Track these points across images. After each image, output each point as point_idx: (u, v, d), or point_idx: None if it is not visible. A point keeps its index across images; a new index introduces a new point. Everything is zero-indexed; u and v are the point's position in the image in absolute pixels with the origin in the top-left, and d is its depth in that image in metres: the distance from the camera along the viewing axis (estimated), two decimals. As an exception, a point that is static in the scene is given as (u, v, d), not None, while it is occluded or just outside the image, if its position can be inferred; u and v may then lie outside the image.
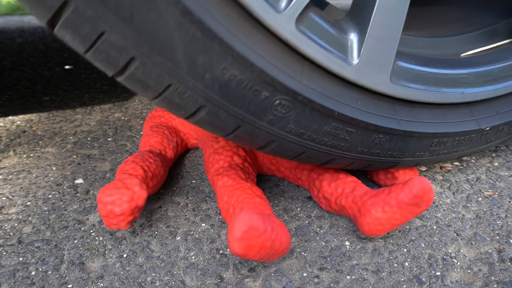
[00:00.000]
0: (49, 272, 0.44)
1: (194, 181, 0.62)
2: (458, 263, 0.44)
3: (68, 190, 0.60)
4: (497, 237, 0.47)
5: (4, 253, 0.47)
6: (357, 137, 0.44)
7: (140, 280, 0.44)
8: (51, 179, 0.63)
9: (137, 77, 0.33)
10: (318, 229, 0.50)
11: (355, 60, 0.40)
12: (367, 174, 0.61)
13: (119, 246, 0.48)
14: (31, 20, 2.23)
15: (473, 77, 0.51)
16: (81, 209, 0.55)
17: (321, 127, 0.41)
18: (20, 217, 0.54)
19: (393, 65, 0.44)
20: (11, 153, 0.71)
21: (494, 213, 0.51)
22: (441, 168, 0.63)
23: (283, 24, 0.35)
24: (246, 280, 0.42)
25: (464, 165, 0.63)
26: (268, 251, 0.37)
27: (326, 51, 0.38)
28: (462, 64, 0.52)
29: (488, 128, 0.53)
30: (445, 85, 0.49)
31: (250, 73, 0.34)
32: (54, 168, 0.66)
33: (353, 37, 0.40)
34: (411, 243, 0.47)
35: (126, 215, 0.44)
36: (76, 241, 0.49)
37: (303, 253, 0.46)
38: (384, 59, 0.42)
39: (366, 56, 0.40)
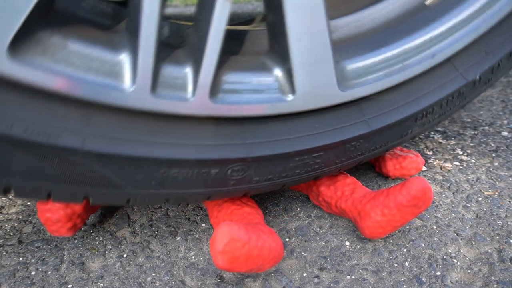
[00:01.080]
0: (49, 272, 0.44)
1: (194, 181, 0.62)
2: (458, 263, 0.44)
3: (68, 190, 0.60)
4: (497, 237, 0.47)
5: (4, 253, 0.47)
6: (329, 155, 0.44)
7: (140, 280, 0.44)
8: (51, 179, 0.63)
9: None
10: (318, 229, 0.50)
11: (292, 94, 0.39)
12: (375, 167, 0.61)
13: (119, 246, 0.48)
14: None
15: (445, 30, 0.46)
16: (81, 209, 0.55)
17: (286, 166, 0.42)
18: (20, 217, 0.54)
19: (335, 71, 0.40)
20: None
21: (494, 213, 0.51)
22: (441, 168, 0.63)
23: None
24: (246, 280, 0.42)
25: (464, 165, 0.63)
26: (256, 260, 0.37)
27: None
28: (428, 18, 0.47)
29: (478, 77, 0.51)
30: (412, 55, 0.45)
31: (182, 167, 0.38)
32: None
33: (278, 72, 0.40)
34: (411, 243, 0.47)
35: (63, 222, 0.44)
36: (76, 241, 0.49)
37: (303, 253, 0.46)
38: (321, 77, 0.39)
39: (302, 86, 0.39)
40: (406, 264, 0.44)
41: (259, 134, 0.40)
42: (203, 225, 0.52)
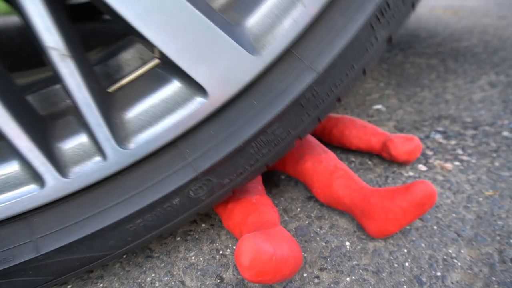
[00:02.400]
0: (49, 272, 0.44)
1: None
2: (459, 264, 0.43)
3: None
4: (498, 238, 0.47)
5: (3, 253, 0.47)
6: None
7: (139, 280, 0.43)
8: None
9: None
10: (318, 229, 0.50)
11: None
12: (383, 152, 0.61)
13: (119, 246, 0.48)
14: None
15: None
16: (81, 209, 0.55)
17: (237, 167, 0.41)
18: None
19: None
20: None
21: (495, 214, 0.51)
22: (441, 168, 0.62)
23: None
24: (246, 280, 0.42)
25: (465, 165, 0.63)
26: (283, 271, 0.36)
27: None
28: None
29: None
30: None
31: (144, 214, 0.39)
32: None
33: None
34: (411, 243, 0.47)
35: None
36: (75, 241, 0.49)
37: (303, 253, 0.46)
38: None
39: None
40: (407, 264, 0.44)
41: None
42: (202, 225, 0.52)
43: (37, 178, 0.34)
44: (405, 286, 0.41)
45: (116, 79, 0.42)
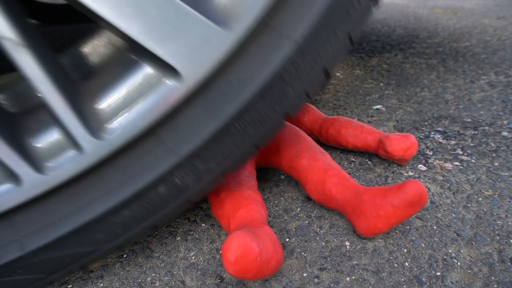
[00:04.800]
0: (49, 272, 0.44)
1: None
2: (459, 264, 0.44)
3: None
4: (498, 238, 0.47)
5: (4, 253, 0.47)
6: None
7: (140, 280, 0.44)
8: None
9: None
10: (318, 229, 0.50)
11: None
12: (379, 150, 0.62)
13: (119, 246, 0.48)
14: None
15: None
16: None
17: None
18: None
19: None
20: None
21: (495, 213, 0.51)
22: (441, 168, 0.62)
23: None
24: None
25: (465, 165, 0.63)
26: (264, 272, 0.37)
27: None
28: None
29: None
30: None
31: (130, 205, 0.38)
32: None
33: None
34: (411, 243, 0.47)
35: None
36: (76, 241, 0.49)
37: (303, 253, 0.46)
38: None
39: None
40: (406, 264, 0.44)
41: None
42: (203, 225, 0.52)
43: (12, 176, 0.34)
44: (405, 286, 0.41)
45: (86, 68, 0.41)
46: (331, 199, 0.50)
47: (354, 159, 0.67)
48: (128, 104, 0.35)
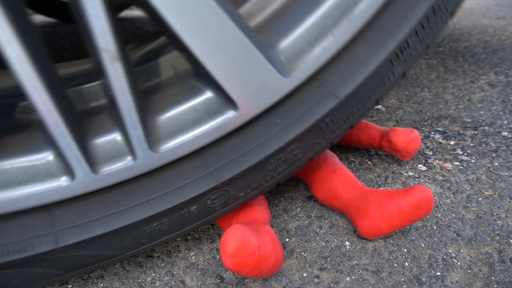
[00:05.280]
0: (49, 272, 0.44)
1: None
2: (458, 264, 0.44)
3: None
4: (497, 238, 0.47)
5: (4, 253, 0.47)
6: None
7: (140, 280, 0.44)
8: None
9: None
10: (318, 229, 0.50)
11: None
12: (383, 141, 0.61)
13: (119, 246, 0.48)
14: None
15: None
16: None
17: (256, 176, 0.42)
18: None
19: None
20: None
21: (494, 213, 0.51)
22: (441, 168, 0.62)
23: None
24: (246, 280, 0.42)
25: (464, 165, 0.63)
26: (262, 268, 0.37)
27: None
28: None
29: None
30: None
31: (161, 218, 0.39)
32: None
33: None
34: (411, 243, 0.47)
35: None
36: (76, 241, 0.49)
37: (303, 253, 0.46)
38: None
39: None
40: (406, 264, 0.44)
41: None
42: (203, 225, 0.52)
43: (68, 171, 0.35)
44: (404, 286, 0.41)
45: (150, 83, 0.43)
46: (336, 198, 0.50)
47: (354, 159, 0.67)
48: (186, 125, 0.37)
